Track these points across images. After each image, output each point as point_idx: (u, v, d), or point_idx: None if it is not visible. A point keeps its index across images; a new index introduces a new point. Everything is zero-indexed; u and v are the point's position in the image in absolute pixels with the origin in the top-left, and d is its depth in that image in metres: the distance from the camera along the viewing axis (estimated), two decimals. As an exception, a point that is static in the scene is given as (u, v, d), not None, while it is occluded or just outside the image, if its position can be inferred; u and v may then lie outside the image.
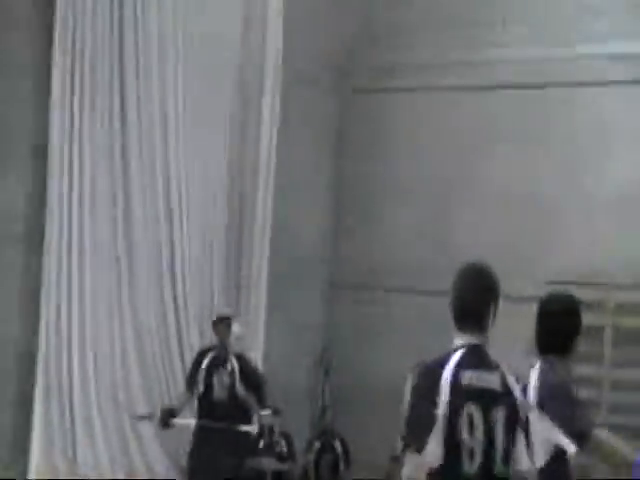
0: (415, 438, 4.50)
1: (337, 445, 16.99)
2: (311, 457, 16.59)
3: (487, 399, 4.70)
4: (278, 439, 14.30)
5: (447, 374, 4.54)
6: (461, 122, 16.09)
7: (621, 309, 14.61)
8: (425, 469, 4.49)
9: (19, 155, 14.40)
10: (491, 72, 15.34)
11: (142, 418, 12.80)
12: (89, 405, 13.57)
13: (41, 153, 14.37)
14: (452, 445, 4.54)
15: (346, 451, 17.12)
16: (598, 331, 14.05)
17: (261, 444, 13.27)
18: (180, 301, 14.12)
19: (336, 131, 17.48)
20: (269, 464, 13.47)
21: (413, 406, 4.85)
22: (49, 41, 14.33)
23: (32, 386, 13.56)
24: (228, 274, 15.48)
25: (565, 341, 6.32)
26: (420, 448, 4.55)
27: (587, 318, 13.25)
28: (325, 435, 17.14)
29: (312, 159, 16.78)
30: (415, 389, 5.08)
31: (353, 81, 17.30)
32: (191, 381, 11.59)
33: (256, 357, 14.22)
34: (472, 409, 4.65)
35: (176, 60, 14.80)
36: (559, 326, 6.34)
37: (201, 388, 11.57)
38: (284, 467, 14.80)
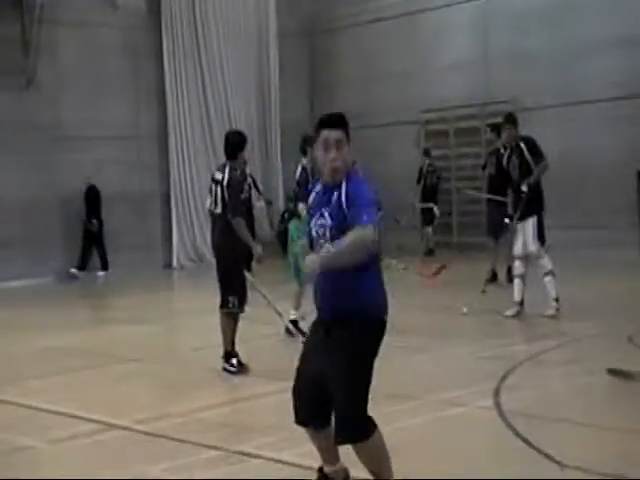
0: None
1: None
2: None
3: None
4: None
5: None
6: None
7: (459, 119, 20.78)
8: None
9: (152, 96, 21.14)
10: None
11: None
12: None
13: (162, 96, 21.19)
14: None
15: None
16: (446, 132, 20.89)
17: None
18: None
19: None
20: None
21: None
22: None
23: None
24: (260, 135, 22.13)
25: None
26: None
27: (440, 125, 21.03)
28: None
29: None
30: None
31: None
32: None
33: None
34: None
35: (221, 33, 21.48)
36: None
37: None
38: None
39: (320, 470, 5.23)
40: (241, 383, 8.78)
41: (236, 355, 9.14)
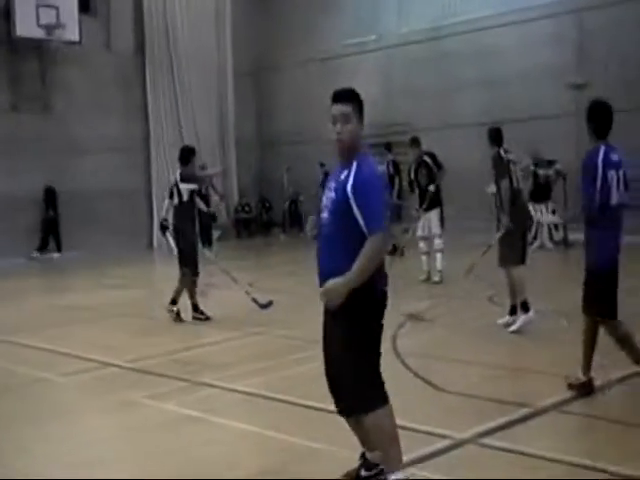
0: None
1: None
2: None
3: None
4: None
5: None
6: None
7: (368, 137, 20.67)
8: None
9: (138, 116, 20.64)
10: None
11: None
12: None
13: (145, 116, 20.70)
14: None
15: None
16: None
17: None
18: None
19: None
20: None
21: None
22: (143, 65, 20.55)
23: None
24: (219, 147, 21.92)
25: None
26: None
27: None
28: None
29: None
30: None
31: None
32: None
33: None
34: None
35: (190, 69, 21.03)
36: None
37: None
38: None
39: (362, 455, 3.97)
40: (202, 331, 8.66)
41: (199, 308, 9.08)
